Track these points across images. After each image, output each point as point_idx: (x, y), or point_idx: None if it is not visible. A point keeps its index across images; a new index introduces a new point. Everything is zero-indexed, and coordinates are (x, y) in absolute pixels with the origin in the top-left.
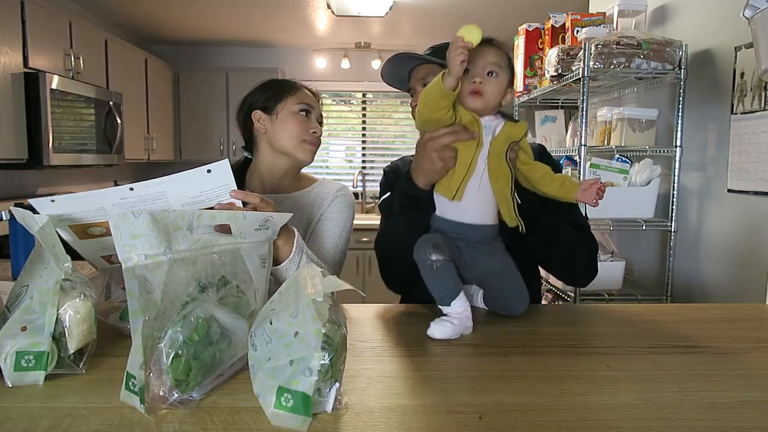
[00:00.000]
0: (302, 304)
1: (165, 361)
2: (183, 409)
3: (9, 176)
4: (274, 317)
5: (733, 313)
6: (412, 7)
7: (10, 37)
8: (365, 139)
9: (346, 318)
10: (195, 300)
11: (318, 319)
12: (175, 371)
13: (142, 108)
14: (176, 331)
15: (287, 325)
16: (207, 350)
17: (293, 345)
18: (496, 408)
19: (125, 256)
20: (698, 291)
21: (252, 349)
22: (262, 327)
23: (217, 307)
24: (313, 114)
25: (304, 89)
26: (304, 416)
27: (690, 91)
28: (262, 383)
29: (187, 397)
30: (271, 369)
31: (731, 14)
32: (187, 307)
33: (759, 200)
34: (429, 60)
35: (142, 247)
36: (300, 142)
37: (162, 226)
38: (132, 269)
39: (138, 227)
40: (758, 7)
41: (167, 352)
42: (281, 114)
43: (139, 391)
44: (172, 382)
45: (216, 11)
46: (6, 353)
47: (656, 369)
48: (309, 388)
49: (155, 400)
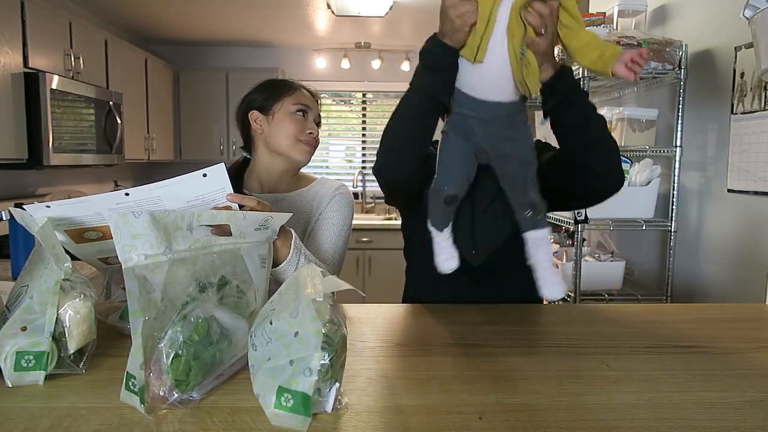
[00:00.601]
0: (302, 304)
1: (165, 361)
2: (183, 409)
3: (9, 176)
4: (274, 317)
5: (733, 313)
6: (412, 7)
7: (10, 37)
8: (365, 139)
9: (346, 318)
10: (195, 300)
11: (318, 319)
12: (175, 371)
13: (142, 108)
14: (176, 331)
15: (287, 325)
16: (207, 350)
17: (293, 345)
18: (496, 408)
19: (125, 256)
20: (698, 291)
21: (252, 349)
22: (262, 327)
23: (217, 307)
24: (310, 114)
25: (301, 89)
26: (304, 416)
27: (690, 91)
28: (262, 383)
29: (188, 397)
30: (271, 369)
31: (731, 14)
32: (187, 307)
33: (759, 200)
34: None
35: (142, 247)
36: (296, 142)
37: (162, 226)
38: (132, 269)
39: (138, 227)
40: (758, 7)
41: (167, 352)
42: (278, 114)
43: (139, 391)
44: (172, 382)
45: (216, 11)
46: (6, 353)
47: (656, 369)
48: (309, 388)
49: (155, 400)
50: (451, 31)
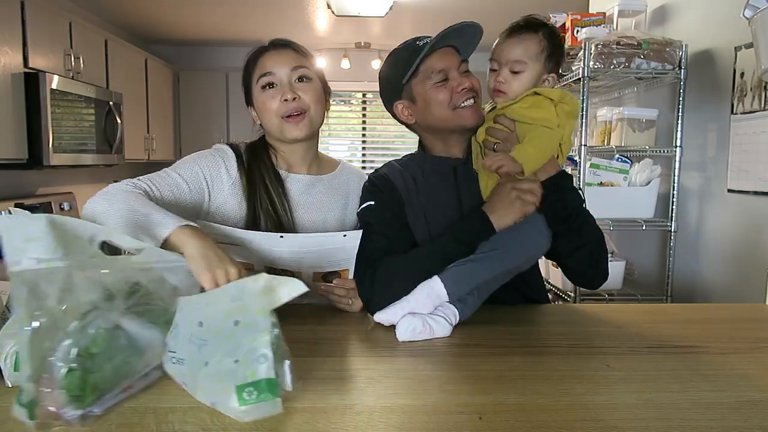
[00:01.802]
0: (246, 284)
1: (58, 375)
2: (79, 427)
3: (9, 176)
4: (203, 317)
5: (733, 313)
6: (412, 7)
7: (10, 37)
8: (365, 139)
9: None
10: (97, 309)
11: (265, 295)
12: (69, 386)
13: (142, 108)
14: (71, 343)
15: (224, 316)
16: (108, 363)
17: (235, 335)
18: (496, 408)
19: (14, 259)
20: (698, 291)
21: (178, 365)
22: (187, 335)
23: (125, 316)
24: (279, 78)
25: (263, 55)
26: (274, 398)
27: (690, 91)
28: (211, 390)
29: (87, 411)
30: (215, 373)
31: (731, 14)
32: (88, 317)
33: (759, 200)
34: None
35: (36, 250)
36: (279, 121)
37: (60, 232)
38: (20, 273)
39: (32, 230)
40: (758, 7)
41: (59, 366)
42: (256, 102)
43: (28, 405)
44: (65, 398)
45: (216, 11)
46: (6, 353)
47: (656, 369)
48: (269, 371)
49: (48, 417)
50: (510, 214)
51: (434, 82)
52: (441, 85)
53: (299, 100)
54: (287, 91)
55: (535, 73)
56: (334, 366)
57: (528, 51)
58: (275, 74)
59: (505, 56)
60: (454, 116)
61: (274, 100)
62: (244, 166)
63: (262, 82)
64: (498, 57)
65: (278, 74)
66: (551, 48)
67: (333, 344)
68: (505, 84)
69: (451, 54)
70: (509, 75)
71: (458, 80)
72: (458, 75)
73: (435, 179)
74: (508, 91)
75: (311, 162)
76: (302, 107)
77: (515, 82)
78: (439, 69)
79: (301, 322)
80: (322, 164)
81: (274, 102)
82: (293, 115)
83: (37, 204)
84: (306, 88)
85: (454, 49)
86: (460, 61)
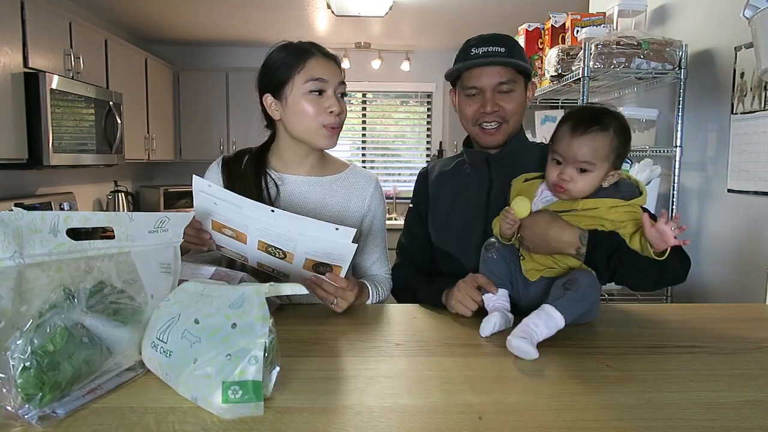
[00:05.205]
0: (248, 292)
1: (12, 373)
2: (42, 429)
3: (9, 176)
4: (200, 315)
5: (733, 313)
6: (412, 7)
7: (10, 37)
8: (365, 139)
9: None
10: (56, 307)
11: (265, 305)
12: (25, 385)
13: (142, 108)
14: (25, 342)
15: (224, 318)
16: (68, 361)
17: (232, 338)
18: (496, 408)
19: None
20: (698, 291)
21: (164, 356)
22: (181, 330)
23: (87, 314)
24: (328, 88)
25: (312, 58)
26: (257, 401)
27: (690, 91)
28: (195, 384)
29: (49, 412)
30: (204, 368)
31: (731, 14)
32: (45, 315)
33: (759, 200)
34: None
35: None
36: (318, 127)
37: (12, 229)
38: None
39: None
40: (758, 7)
41: (13, 363)
42: (290, 99)
43: None
44: (22, 397)
45: (216, 11)
46: None
47: (656, 369)
48: (257, 374)
49: (6, 417)
50: (450, 307)
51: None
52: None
53: (342, 115)
54: (336, 104)
55: (602, 172)
56: (334, 366)
57: (598, 152)
58: (328, 83)
59: (572, 155)
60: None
61: (319, 107)
62: (224, 177)
63: (312, 86)
64: (564, 153)
65: (330, 84)
66: (622, 146)
67: (333, 344)
68: (571, 182)
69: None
70: (575, 174)
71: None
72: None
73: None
74: (573, 189)
75: (312, 164)
76: (341, 121)
77: (581, 182)
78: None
79: (301, 322)
80: (325, 166)
81: (319, 109)
82: (333, 127)
83: (37, 204)
84: (344, 104)
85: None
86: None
